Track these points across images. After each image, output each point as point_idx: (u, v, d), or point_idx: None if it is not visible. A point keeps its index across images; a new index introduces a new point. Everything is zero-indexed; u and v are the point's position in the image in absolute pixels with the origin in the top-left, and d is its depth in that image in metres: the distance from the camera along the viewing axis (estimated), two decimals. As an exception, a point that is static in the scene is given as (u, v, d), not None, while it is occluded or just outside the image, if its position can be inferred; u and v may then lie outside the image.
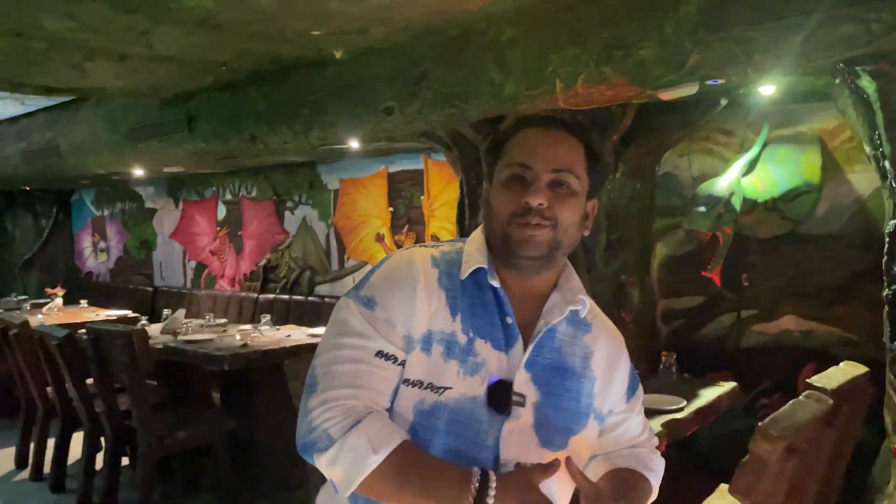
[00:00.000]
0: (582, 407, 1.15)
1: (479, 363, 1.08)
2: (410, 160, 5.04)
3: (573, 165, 1.09)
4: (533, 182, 1.06)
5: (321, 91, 3.74)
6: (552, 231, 1.07)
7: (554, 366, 1.13)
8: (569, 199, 1.08)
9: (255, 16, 2.91)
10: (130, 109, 4.91)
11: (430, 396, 1.06)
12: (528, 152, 1.08)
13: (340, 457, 1.00)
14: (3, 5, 2.73)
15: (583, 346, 1.17)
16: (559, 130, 1.11)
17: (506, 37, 3.00)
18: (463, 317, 1.09)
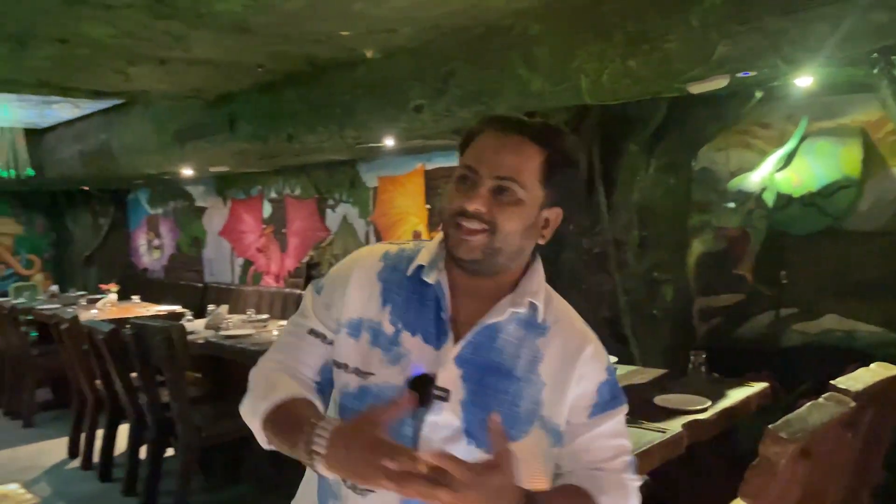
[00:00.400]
0: (521, 412, 1.09)
1: (401, 354, 1.11)
2: (447, 157, 5.05)
3: (519, 174, 1.07)
4: (474, 186, 1.06)
5: (353, 91, 3.79)
6: (488, 237, 1.06)
7: (490, 366, 1.10)
8: (511, 207, 1.06)
9: (283, 18, 2.97)
10: (176, 112, 5.06)
11: (354, 380, 1.12)
12: (478, 155, 1.08)
13: (246, 405, 1.14)
14: (47, 14, 2.85)
15: (532, 349, 1.12)
16: (517, 135, 1.08)
17: (532, 33, 2.99)
18: (393, 308, 1.13)
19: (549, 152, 1.09)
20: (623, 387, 2.43)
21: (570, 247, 3.53)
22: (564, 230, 3.69)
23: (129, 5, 2.76)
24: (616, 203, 3.42)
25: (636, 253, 3.44)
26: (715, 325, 3.71)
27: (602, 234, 3.42)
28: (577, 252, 3.51)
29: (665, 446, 2.09)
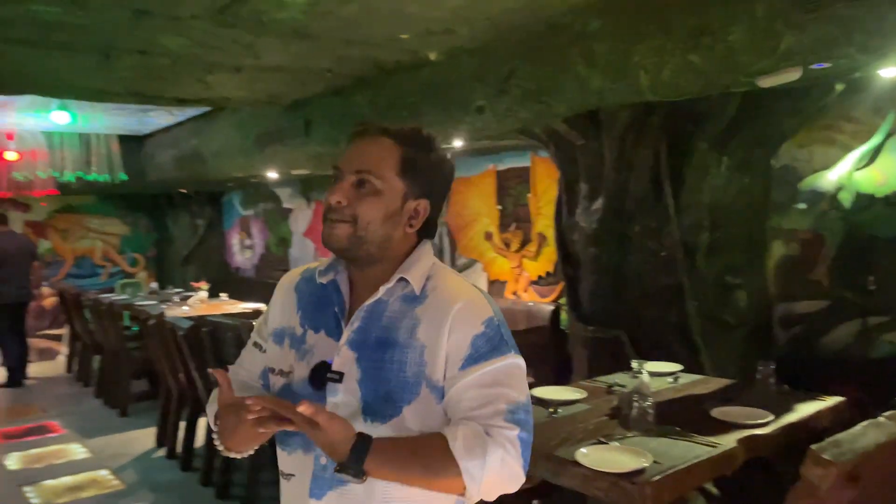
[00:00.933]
0: (409, 376, 1.17)
1: (307, 350, 1.25)
2: (518, 158, 5.00)
3: (378, 167, 1.18)
4: (338, 182, 1.20)
5: (418, 93, 3.80)
6: (351, 227, 1.18)
7: (380, 342, 1.19)
8: (369, 197, 1.18)
9: (341, 23, 3.02)
10: (257, 117, 5.26)
11: (279, 380, 1.28)
12: (343, 157, 1.22)
13: (207, 412, 1.32)
14: (123, 28, 3.01)
15: (412, 317, 1.20)
16: (374, 134, 1.21)
17: (591, 29, 2.91)
18: (303, 313, 1.28)
19: (405, 147, 1.21)
20: (681, 397, 2.31)
21: (636, 249, 3.41)
22: (631, 232, 3.55)
23: (195, 16, 2.88)
24: (684, 204, 3.27)
25: (706, 256, 3.28)
26: (796, 334, 3.49)
27: (670, 236, 3.28)
28: (643, 255, 3.38)
29: (715, 462, 1.98)
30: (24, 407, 6.11)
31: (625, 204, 3.43)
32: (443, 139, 4.02)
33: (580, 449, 1.99)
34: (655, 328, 3.36)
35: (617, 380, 2.85)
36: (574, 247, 3.74)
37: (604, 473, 1.85)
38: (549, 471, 2.00)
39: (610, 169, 3.45)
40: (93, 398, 6.28)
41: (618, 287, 3.48)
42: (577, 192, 3.73)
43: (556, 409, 2.45)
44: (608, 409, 2.46)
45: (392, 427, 1.15)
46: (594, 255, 3.58)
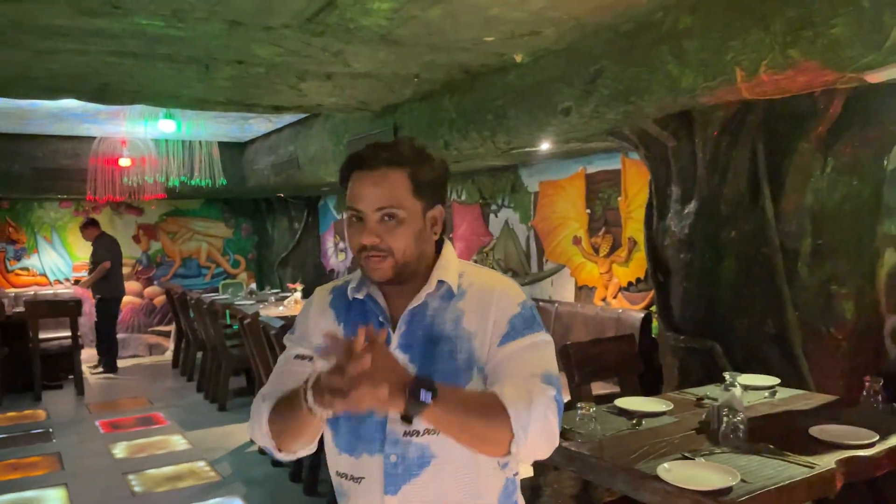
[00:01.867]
0: (460, 363, 1.26)
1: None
2: (608, 160, 4.88)
3: (396, 199, 1.25)
4: (364, 223, 1.25)
5: (504, 96, 3.78)
6: (391, 259, 1.25)
7: (429, 339, 1.28)
8: (398, 228, 1.25)
9: (426, 29, 3.04)
10: (350, 123, 5.38)
11: None
12: (357, 196, 1.26)
13: (252, 420, 1.30)
14: (218, 39, 3.14)
15: (455, 310, 1.29)
16: (380, 167, 1.25)
17: (682, 26, 2.80)
18: (345, 326, 1.35)
19: (410, 169, 1.26)
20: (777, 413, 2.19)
21: (732, 254, 3.24)
22: (726, 237, 3.39)
23: (286, 25, 2.98)
24: (784, 207, 3.08)
25: (809, 263, 3.08)
26: (911, 348, 3.22)
27: (768, 241, 3.10)
28: (740, 260, 3.21)
29: (811, 484, 1.84)
30: (134, 399, 6.50)
31: (719, 208, 3.27)
32: (529, 142, 3.98)
33: (663, 464, 1.90)
34: (751, 339, 3.18)
35: (707, 392, 2.72)
36: (665, 252, 3.60)
37: (687, 490, 1.76)
38: (629, 484, 1.93)
39: (703, 171, 3.31)
40: (195, 392, 6.60)
41: (711, 295, 3.32)
42: (668, 195, 3.59)
43: (639, 421, 2.36)
44: (696, 422, 2.34)
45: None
46: (686, 261, 3.43)
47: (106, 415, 5.94)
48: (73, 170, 7.05)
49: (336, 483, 1.35)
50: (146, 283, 9.10)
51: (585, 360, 3.09)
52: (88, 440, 5.23)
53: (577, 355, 3.07)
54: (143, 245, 9.05)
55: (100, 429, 5.53)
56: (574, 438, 2.17)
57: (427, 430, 1.23)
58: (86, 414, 6.03)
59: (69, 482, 4.29)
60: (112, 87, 4.00)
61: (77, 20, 2.81)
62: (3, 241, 8.16)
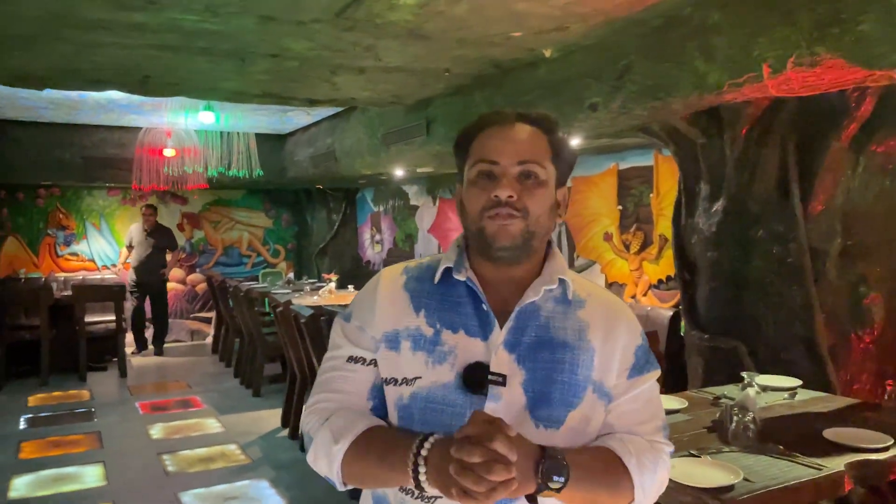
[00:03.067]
0: (579, 378, 1.13)
1: (446, 352, 1.13)
2: (640, 156, 4.84)
3: (538, 156, 1.12)
4: (501, 176, 1.11)
5: (533, 91, 3.79)
6: (524, 221, 1.11)
7: (541, 343, 1.13)
8: (537, 189, 1.12)
9: (453, 23, 3.06)
10: (384, 117, 5.45)
11: (405, 390, 1.14)
12: (494, 149, 1.12)
13: (317, 453, 1.13)
14: (255, 33, 3.22)
15: (577, 319, 1.16)
16: (521, 123, 1.15)
17: (711, 21, 2.77)
18: (427, 312, 1.16)
19: (549, 133, 1.16)
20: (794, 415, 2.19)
21: (760, 254, 3.20)
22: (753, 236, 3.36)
23: (316, 20, 3.04)
24: (814, 207, 3.03)
25: (838, 264, 3.02)
26: (945, 354, 3.14)
27: (796, 241, 3.05)
28: (767, 260, 3.17)
29: (817, 486, 1.83)
30: (174, 383, 6.70)
31: (747, 206, 3.23)
32: (558, 138, 3.97)
33: (667, 460, 1.91)
34: (777, 340, 3.14)
35: (725, 392, 2.70)
36: (692, 250, 3.57)
37: (688, 487, 1.76)
38: (634, 480, 1.93)
39: (732, 168, 3.27)
40: (232, 378, 6.78)
41: (737, 295, 3.28)
42: (697, 192, 3.56)
43: (651, 418, 2.36)
44: (709, 421, 2.33)
45: (563, 433, 1.11)
46: (713, 259, 3.40)
47: (146, 397, 6.15)
48: (120, 159, 7.28)
49: (388, 499, 1.15)
50: (189, 271, 9.35)
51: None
52: (128, 420, 5.42)
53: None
54: (187, 233, 9.29)
55: (139, 410, 5.73)
56: (584, 432, 2.18)
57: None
58: (127, 395, 6.24)
59: (107, 460, 4.46)
60: (153, 79, 4.13)
61: (116, 14, 2.91)
62: (53, 227, 8.48)
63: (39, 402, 5.98)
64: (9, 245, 8.24)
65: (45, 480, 4.12)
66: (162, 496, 3.87)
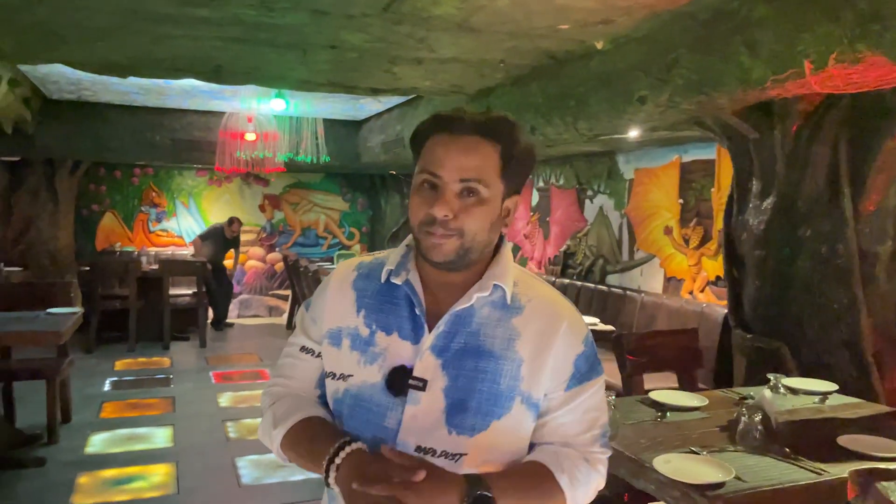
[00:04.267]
0: (503, 389, 1.12)
1: (377, 353, 1.16)
2: (704, 149, 4.73)
3: (483, 174, 1.09)
4: (441, 191, 1.09)
5: (586, 83, 3.78)
6: (458, 240, 1.09)
7: (468, 350, 1.13)
8: (476, 207, 1.09)
9: (497, 17, 3.12)
10: (448, 105, 5.50)
11: (340, 385, 1.19)
12: (439, 160, 1.10)
13: (263, 431, 1.24)
14: (309, 26, 3.38)
15: (508, 328, 1.14)
16: (471, 135, 1.10)
17: (757, 16, 2.71)
18: (367, 312, 1.18)
19: (503, 145, 1.11)
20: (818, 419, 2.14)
21: (807, 254, 3.11)
22: (801, 235, 3.28)
23: (366, 14, 3.15)
24: (865, 208, 2.92)
25: (887, 268, 2.91)
26: None
27: (845, 242, 2.95)
28: (815, 261, 3.08)
29: (813, 490, 1.81)
30: (247, 355, 7.08)
31: (796, 204, 3.15)
32: (610, 129, 3.96)
33: (664, 455, 1.94)
34: (822, 343, 3.06)
35: (752, 392, 2.66)
36: (741, 248, 3.50)
37: (677, 482, 1.79)
38: (629, 471, 1.97)
39: (782, 166, 3.18)
40: (301, 353, 7.07)
41: (783, 295, 3.21)
42: (749, 189, 3.48)
43: (664, 414, 2.37)
44: (725, 420, 2.33)
45: (478, 441, 1.11)
46: (761, 257, 3.33)
47: (220, 367, 6.53)
48: (205, 141, 7.70)
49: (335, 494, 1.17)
50: (269, 250, 9.77)
51: (639, 350, 3.10)
52: (200, 388, 5.79)
53: (630, 345, 3.08)
54: (268, 214, 9.71)
55: (212, 379, 6.10)
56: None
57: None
58: (203, 365, 6.65)
59: (176, 423, 4.80)
60: (225, 68, 4.37)
61: (182, 9, 3.12)
62: (146, 205, 9.05)
63: (124, 367, 6.46)
64: (106, 220, 8.86)
65: (119, 438, 4.49)
66: (220, 460, 4.15)
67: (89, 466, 4.00)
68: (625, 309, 5.17)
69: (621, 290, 5.30)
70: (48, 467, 3.96)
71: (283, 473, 3.92)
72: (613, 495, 2.33)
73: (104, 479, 3.85)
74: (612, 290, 5.41)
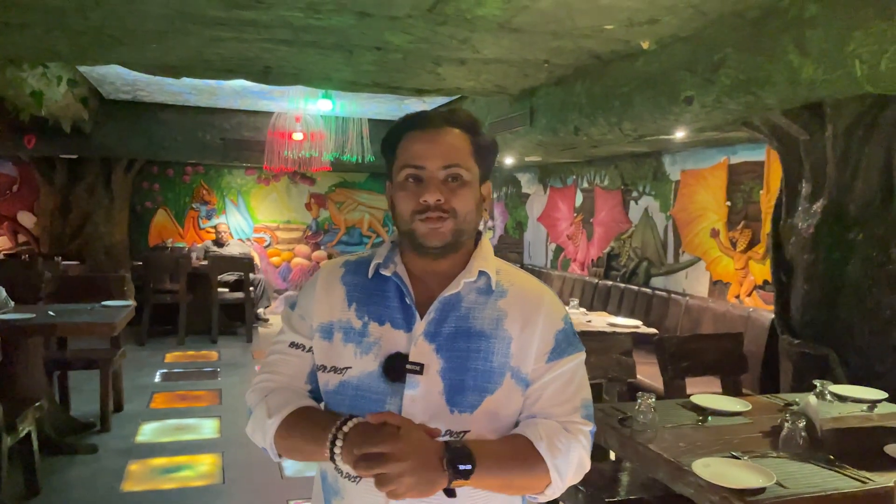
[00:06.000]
0: (494, 366, 1.19)
1: (372, 343, 1.21)
2: (753, 151, 4.63)
3: (462, 158, 1.19)
4: (428, 180, 1.18)
5: (631, 83, 3.75)
6: (453, 221, 1.18)
7: (459, 332, 1.20)
8: (462, 189, 1.19)
9: (541, 17, 3.11)
10: (492, 105, 5.55)
11: (333, 378, 1.23)
12: (419, 153, 1.19)
13: (254, 426, 1.26)
14: (353, 28, 3.43)
15: (495, 309, 1.22)
16: (444, 126, 1.21)
17: (808, 14, 2.65)
18: (358, 305, 1.25)
19: (470, 133, 1.23)
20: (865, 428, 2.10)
21: (858, 259, 3.03)
22: (853, 239, 3.22)
23: (410, 16, 3.19)
24: (920, 212, 2.84)
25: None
26: None
27: (899, 247, 2.87)
28: (866, 265, 3.00)
29: (857, 499, 1.77)
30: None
31: (848, 207, 3.07)
32: (654, 130, 3.92)
33: (703, 459, 1.92)
34: (872, 350, 2.98)
35: (797, 399, 2.61)
36: (790, 251, 3.43)
37: (716, 486, 1.77)
38: (668, 475, 1.96)
39: (833, 167, 3.11)
40: (343, 350, 7.17)
41: (833, 299, 3.13)
42: (798, 191, 3.41)
43: (705, 418, 2.34)
44: (769, 426, 2.29)
45: (477, 417, 1.17)
46: (809, 261, 3.26)
47: (265, 362, 6.65)
48: (254, 141, 7.86)
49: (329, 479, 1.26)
50: (314, 248, 9.92)
51: (682, 354, 3.06)
52: (246, 382, 5.90)
53: (672, 349, 3.05)
54: (314, 212, 9.86)
55: (257, 373, 6.21)
56: (631, 425, 2.21)
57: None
58: (249, 359, 6.79)
59: (223, 415, 4.92)
60: (273, 70, 4.46)
61: (231, 12, 3.21)
62: (197, 202, 9.29)
63: (174, 360, 6.64)
64: (159, 217, 9.12)
65: (168, 428, 4.63)
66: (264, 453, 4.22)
67: (139, 454, 4.14)
68: (669, 312, 5.10)
69: (665, 293, 5.23)
70: (100, 454, 4.11)
71: (325, 467, 3.98)
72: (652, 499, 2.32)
73: (153, 467, 3.98)
74: (656, 293, 5.33)
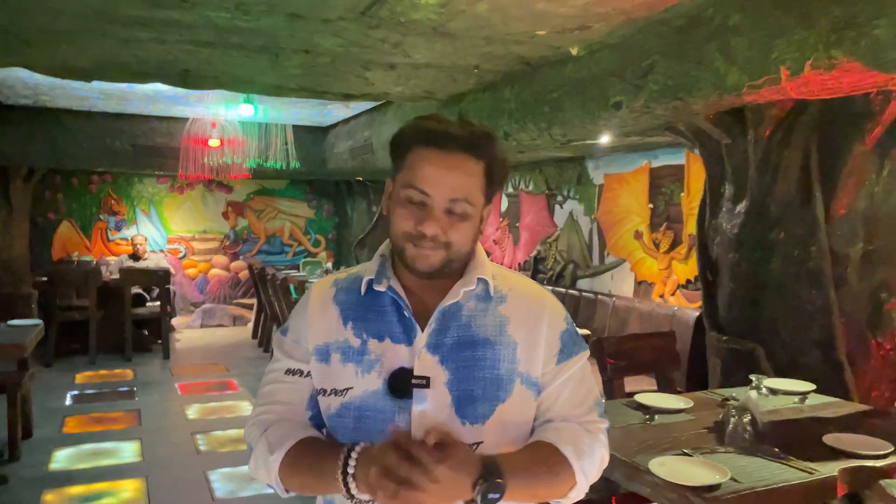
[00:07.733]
0: (503, 373, 1.16)
1: (373, 360, 1.17)
2: (673, 155, 4.81)
3: (469, 192, 1.13)
4: (430, 210, 1.12)
5: (560, 88, 3.81)
6: (445, 252, 1.14)
7: (463, 341, 1.16)
8: (463, 223, 1.14)
9: (476, 22, 3.12)
10: (419, 111, 5.50)
11: (334, 401, 1.18)
12: (428, 178, 1.12)
13: (256, 463, 1.19)
14: (282, 30, 3.33)
15: (496, 315, 1.19)
16: (457, 153, 1.13)
17: (732, 22, 2.75)
18: (354, 324, 1.19)
19: (487, 161, 1.16)
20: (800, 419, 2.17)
21: (780, 257, 3.17)
22: (774, 238, 3.34)
23: (342, 18, 3.12)
24: (836, 211, 3.00)
25: (859, 269, 2.98)
26: (971, 364, 3.07)
27: (817, 244, 3.02)
28: (788, 263, 3.14)
29: (806, 489, 1.84)
30: (213, 366, 6.93)
31: (769, 208, 3.21)
32: (583, 135, 3.99)
33: (658, 458, 1.94)
34: (795, 344, 3.12)
35: (734, 393, 2.70)
36: (715, 251, 3.56)
37: (674, 485, 1.80)
38: (624, 475, 1.98)
39: (754, 170, 3.25)
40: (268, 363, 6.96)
41: (757, 296, 3.27)
42: (721, 193, 3.54)
43: (652, 417, 2.39)
44: (712, 422, 2.35)
45: (490, 427, 1.14)
46: (734, 260, 3.38)
47: (185, 378, 6.38)
48: (168, 148, 7.53)
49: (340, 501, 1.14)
50: (233, 258, 9.61)
51: (619, 354, 3.12)
52: (166, 400, 5.65)
53: (610, 349, 3.10)
54: (231, 221, 9.55)
55: (178, 391, 5.95)
56: (582, 427, 2.22)
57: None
58: (168, 376, 6.49)
59: (143, 437, 4.67)
60: (193, 73, 4.28)
61: (152, 11, 3.05)
62: (105, 213, 8.82)
63: (86, 380, 6.27)
64: (63, 229, 8.61)
65: (84, 454, 4.34)
66: (192, 474, 4.05)
67: (55, 483, 3.86)
68: (597, 313, 5.22)
69: (592, 295, 5.35)
70: (11, 485, 3.81)
71: (259, 486, 3.83)
72: (601, 499, 2.34)
73: (71, 496, 3.72)
74: (583, 295, 5.44)
